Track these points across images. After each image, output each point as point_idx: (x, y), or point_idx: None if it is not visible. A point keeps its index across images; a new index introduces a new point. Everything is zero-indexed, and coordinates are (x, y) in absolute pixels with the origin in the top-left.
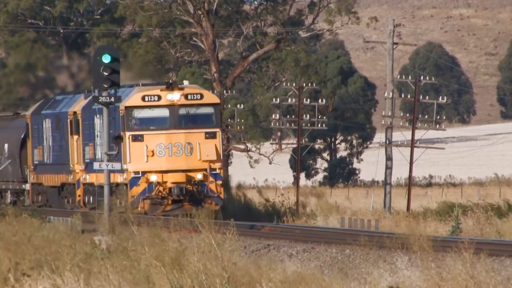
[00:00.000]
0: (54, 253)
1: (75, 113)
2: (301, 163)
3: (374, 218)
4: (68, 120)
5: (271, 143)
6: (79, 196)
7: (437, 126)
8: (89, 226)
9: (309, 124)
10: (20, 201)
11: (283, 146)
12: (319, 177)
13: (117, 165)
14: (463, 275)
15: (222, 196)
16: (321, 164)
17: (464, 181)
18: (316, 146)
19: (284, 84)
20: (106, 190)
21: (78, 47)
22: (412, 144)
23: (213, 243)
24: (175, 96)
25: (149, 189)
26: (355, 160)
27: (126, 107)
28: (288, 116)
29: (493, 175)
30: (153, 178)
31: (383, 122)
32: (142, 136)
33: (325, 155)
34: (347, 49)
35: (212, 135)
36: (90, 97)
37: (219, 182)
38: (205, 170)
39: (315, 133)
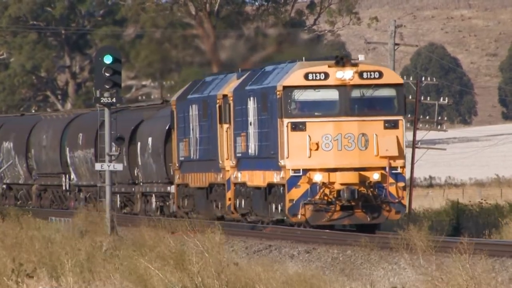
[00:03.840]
0: (55, 254)
1: (225, 96)
2: None
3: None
4: (217, 106)
5: None
6: (229, 199)
7: (439, 127)
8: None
9: None
10: (166, 206)
11: None
12: None
13: (118, 166)
14: (463, 276)
15: (404, 202)
16: None
17: (465, 182)
18: None
19: None
20: (107, 190)
21: (80, 48)
22: (414, 145)
23: (207, 245)
24: (346, 74)
25: (312, 191)
26: None
27: (285, 87)
28: None
29: (494, 176)
30: (317, 177)
31: None
32: (304, 124)
33: None
34: (348, 50)
35: (393, 125)
36: (244, 76)
37: (401, 184)
38: (384, 168)
39: None
